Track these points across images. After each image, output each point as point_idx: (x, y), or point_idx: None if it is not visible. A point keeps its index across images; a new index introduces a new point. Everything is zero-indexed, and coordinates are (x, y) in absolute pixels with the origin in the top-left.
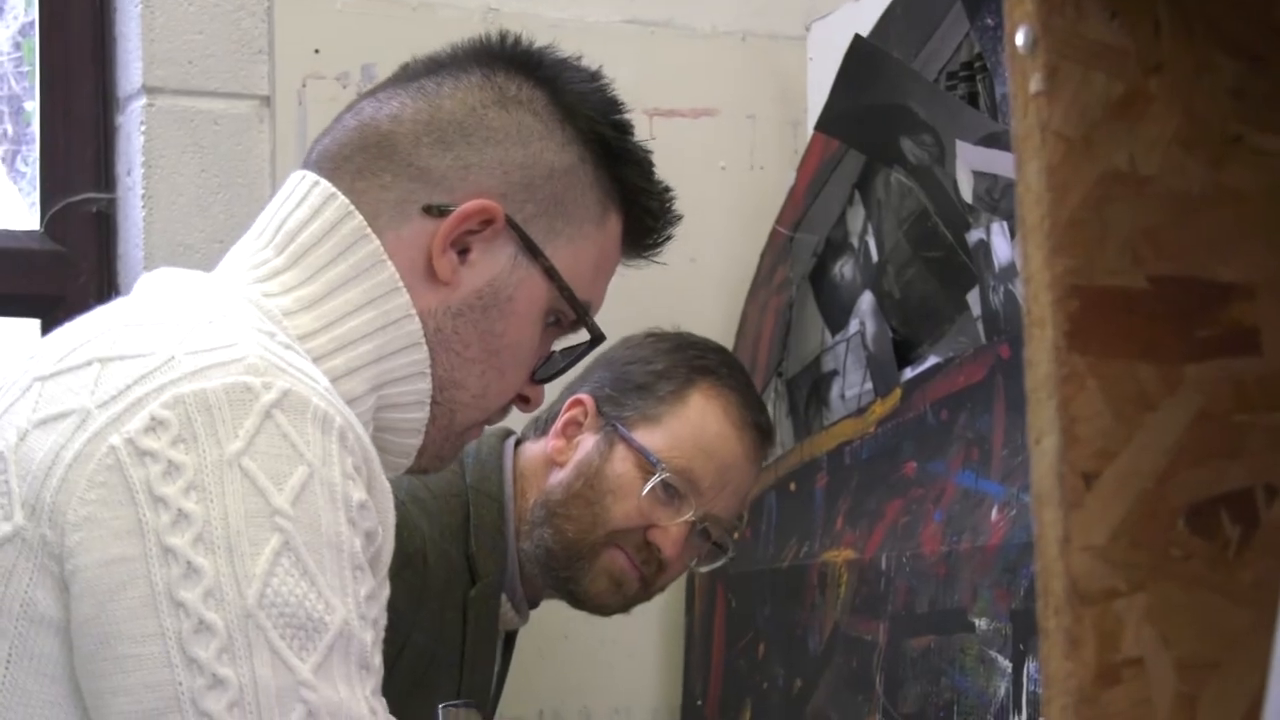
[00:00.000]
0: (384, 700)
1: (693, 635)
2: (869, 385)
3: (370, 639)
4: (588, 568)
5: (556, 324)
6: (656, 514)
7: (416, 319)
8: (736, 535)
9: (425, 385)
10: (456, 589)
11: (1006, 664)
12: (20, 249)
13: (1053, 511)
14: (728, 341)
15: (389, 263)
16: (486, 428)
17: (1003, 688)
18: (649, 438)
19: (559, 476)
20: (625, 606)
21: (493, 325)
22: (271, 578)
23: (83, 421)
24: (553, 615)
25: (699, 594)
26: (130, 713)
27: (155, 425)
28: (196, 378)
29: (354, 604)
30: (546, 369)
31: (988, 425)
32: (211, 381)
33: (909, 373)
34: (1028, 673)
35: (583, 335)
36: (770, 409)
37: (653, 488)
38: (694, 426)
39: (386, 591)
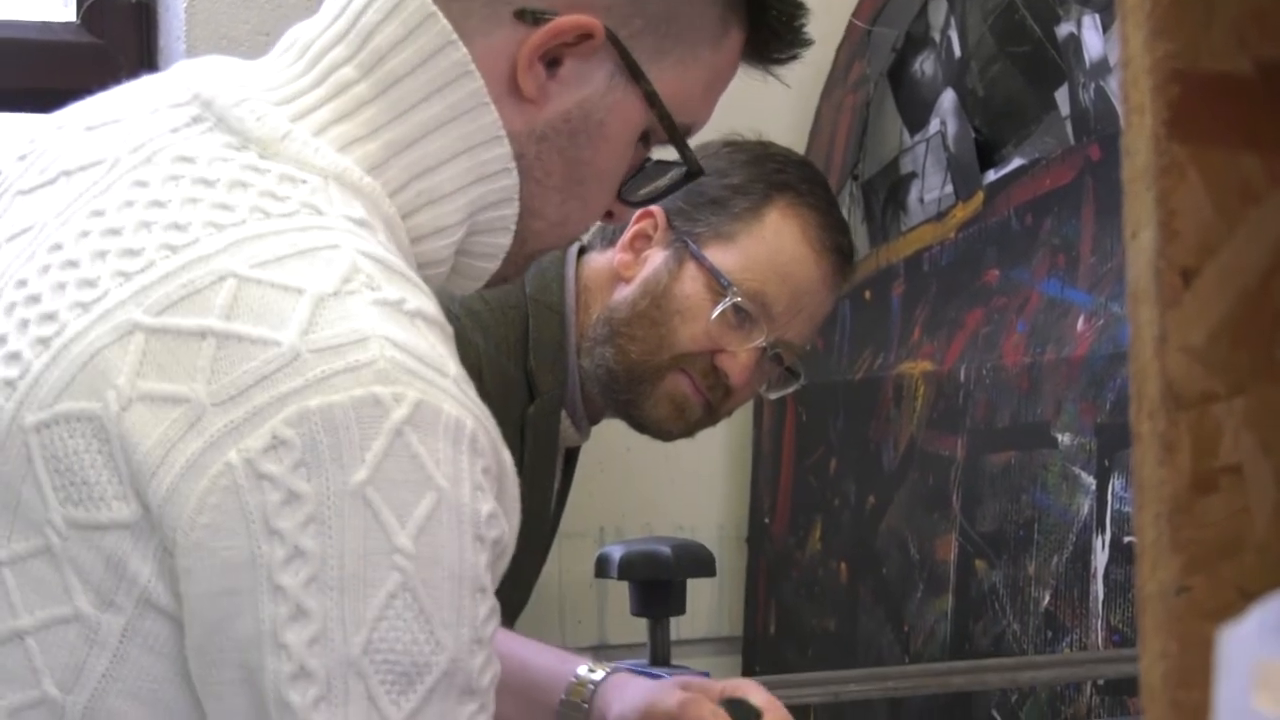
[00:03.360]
0: (490, 706)
1: (760, 450)
2: (949, 188)
3: (482, 660)
4: (650, 391)
5: (647, 138)
6: (726, 339)
7: (506, 141)
8: (808, 346)
9: (512, 211)
10: (514, 406)
11: (1090, 481)
12: (55, 41)
13: (1149, 310)
14: (800, 143)
15: (476, 74)
16: None
17: (1086, 506)
18: (721, 257)
19: (624, 293)
20: (688, 432)
21: (580, 152)
22: (381, 622)
23: (197, 420)
24: (614, 429)
25: (768, 407)
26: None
27: (277, 445)
28: (323, 388)
29: (468, 632)
30: (635, 186)
31: (1075, 230)
32: (339, 394)
33: (992, 175)
34: (1113, 490)
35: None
36: (845, 213)
37: (723, 311)
38: (770, 247)
39: (503, 569)
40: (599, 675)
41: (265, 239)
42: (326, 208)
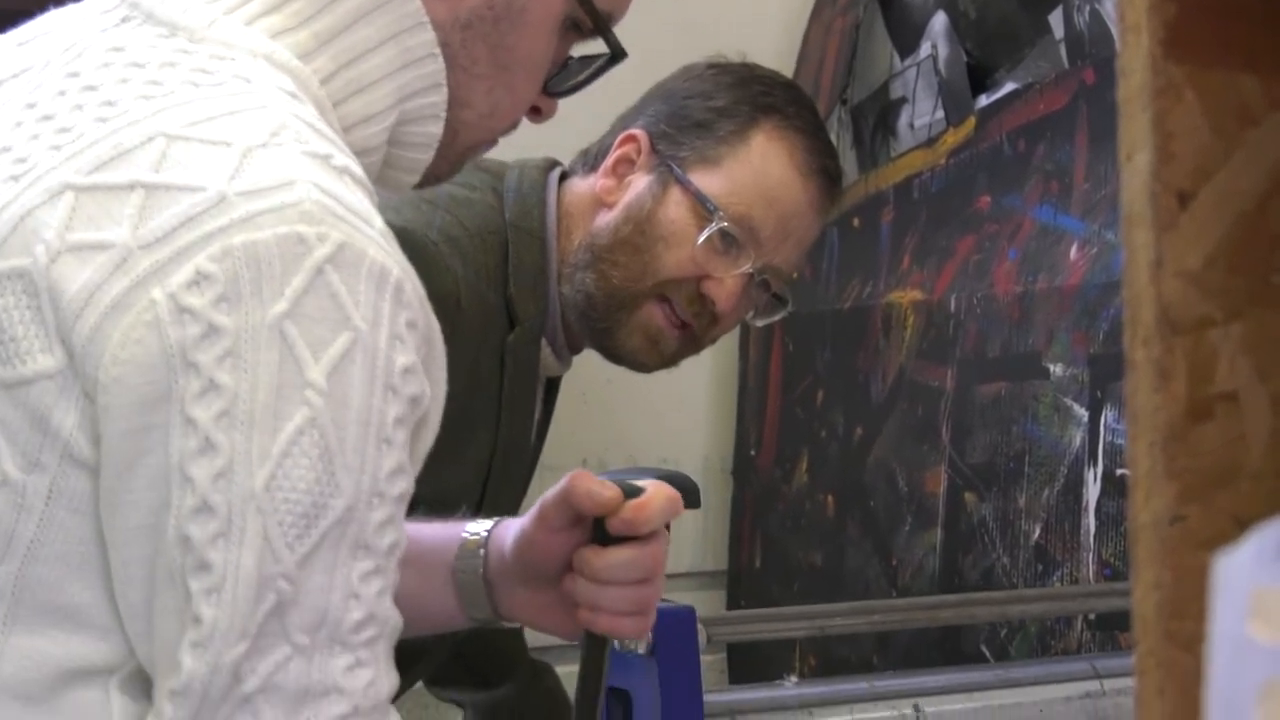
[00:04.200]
0: (389, 571)
1: (746, 381)
2: (940, 113)
3: (381, 517)
4: (625, 319)
5: (575, 29)
6: (712, 264)
7: (430, 27)
8: (796, 274)
9: (440, 98)
10: (494, 334)
11: (1083, 412)
12: None
13: (1144, 233)
14: (788, 67)
15: None
16: (529, 158)
17: (1078, 437)
18: (706, 181)
19: (607, 219)
20: (666, 363)
21: (503, 39)
22: (286, 459)
23: (123, 261)
24: (597, 359)
25: (754, 337)
26: (127, 578)
27: (200, 280)
28: (248, 226)
29: (368, 482)
30: (561, 80)
31: (1069, 156)
32: (263, 231)
33: (984, 100)
34: (1105, 422)
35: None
36: (833, 138)
37: (709, 236)
38: (755, 171)
39: (427, 445)
40: (489, 523)
41: (194, 103)
42: (256, 79)
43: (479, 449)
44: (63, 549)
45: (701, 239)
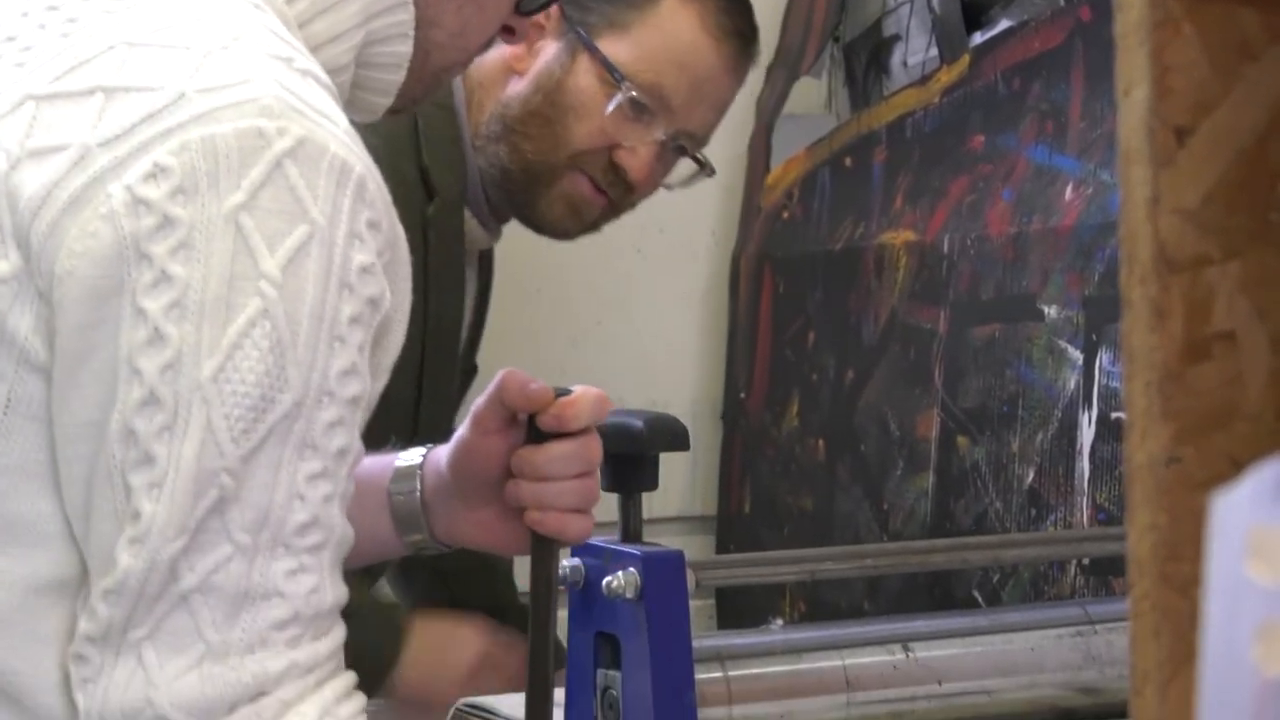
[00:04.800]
0: (338, 478)
1: (736, 323)
2: (934, 51)
3: (330, 416)
4: (545, 192)
5: None
6: (623, 133)
7: None
8: (786, 214)
9: (408, 16)
10: (413, 206)
11: (1078, 355)
12: None
13: (1141, 170)
14: (779, 3)
15: None
16: None
17: (1073, 381)
18: (615, 48)
19: (517, 88)
20: (588, 230)
21: None
22: (237, 350)
23: (81, 158)
24: (586, 300)
25: (744, 278)
26: (69, 478)
27: (157, 173)
28: (207, 120)
29: (318, 379)
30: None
31: (1064, 95)
32: (222, 125)
33: (978, 37)
34: (1100, 364)
35: None
36: (825, 77)
37: (619, 105)
38: (665, 35)
39: (392, 358)
40: (423, 449)
41: (156, 13)
42: None
43: (413, 329)
44: (21, 459)
45: (610, 108)
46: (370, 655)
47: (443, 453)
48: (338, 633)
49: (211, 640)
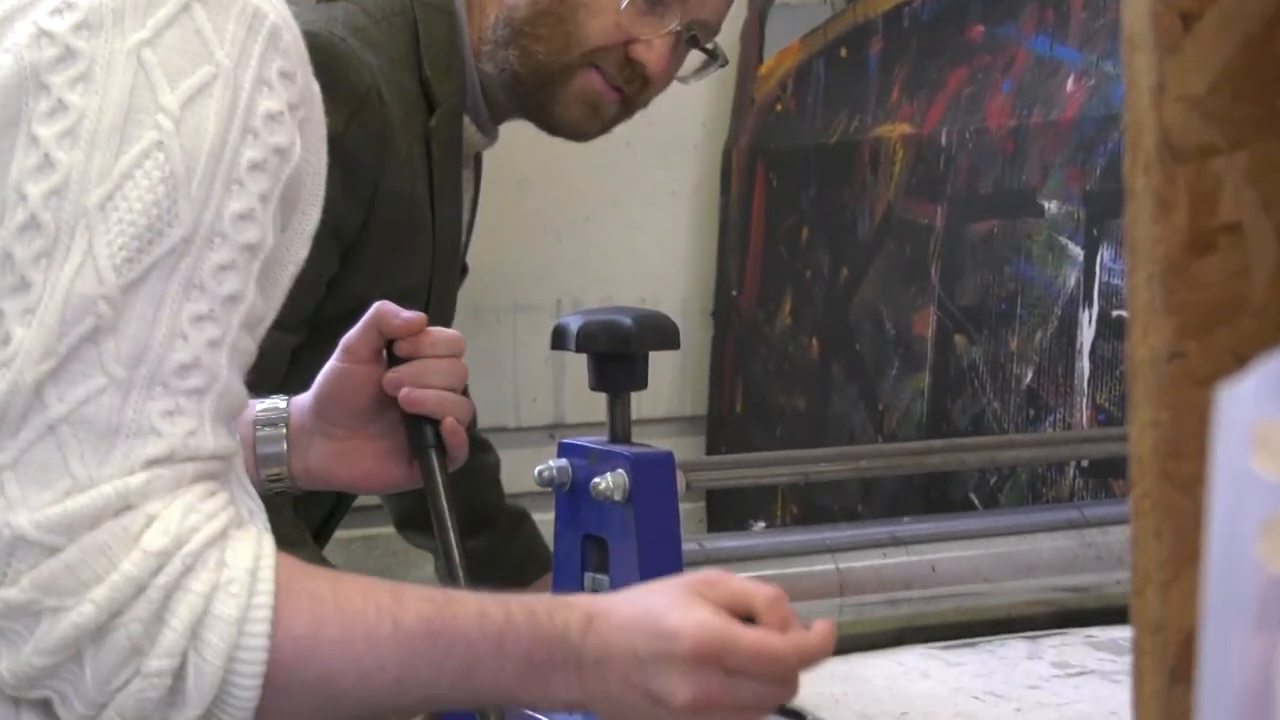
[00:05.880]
0: (227, 325)
1: (728, 219)
2: None
3: (221, 259)
4: (560, 93)
5: None
6: (638, 26)
7: None
8: (779, 107)
9: None
10: (415, 120)
11: (1078, 251)
12: None
13: (1145, 57)
14: None
15: None
16: None
17: (1073, 278)
18: None
19: None
20: (604, 129)
21: None
22: (128, 180)
23: (4, 19)
24: (573, 195)
25: (736, 172)
26: None
27: (64, 8)
28: None
29: (211, 218)
30: None
31: None
32: None
33: None
34: (1101, 261)
35: None
36: None
37: None
38: None
39: (311, 223)
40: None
41: None
42: None
43: (419, 245)
44: None
45: (625, 2)
46: None
47: (304, 398)
48: (224, 496)
49: (79, 475)
